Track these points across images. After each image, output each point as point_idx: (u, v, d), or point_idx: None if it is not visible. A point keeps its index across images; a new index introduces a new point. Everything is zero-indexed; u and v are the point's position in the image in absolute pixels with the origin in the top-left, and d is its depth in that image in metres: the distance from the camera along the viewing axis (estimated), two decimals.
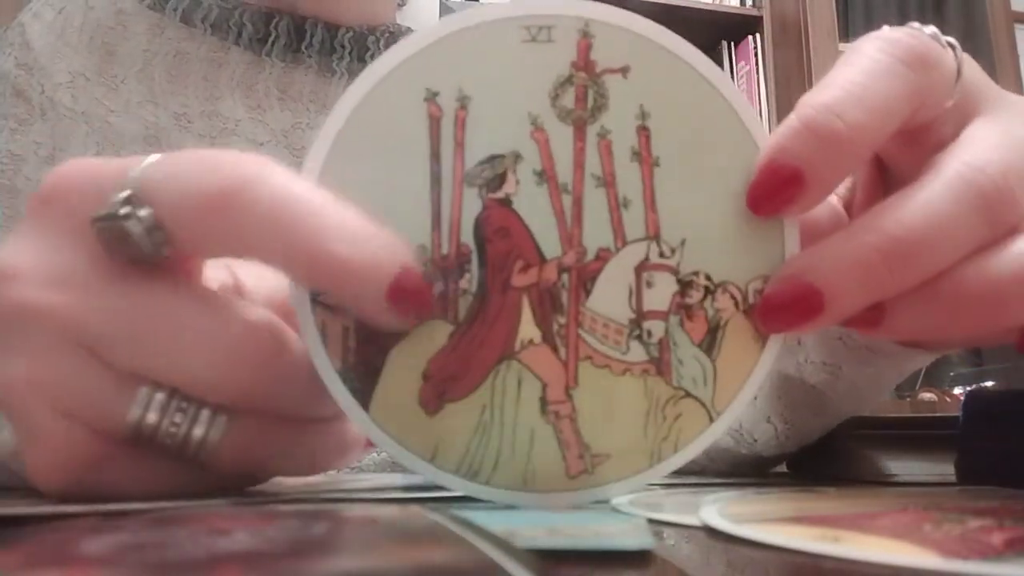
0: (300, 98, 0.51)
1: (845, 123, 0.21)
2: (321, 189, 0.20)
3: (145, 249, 0.21)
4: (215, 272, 0.24)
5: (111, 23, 0.51)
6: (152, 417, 0.21)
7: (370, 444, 0.25)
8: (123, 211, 0.20)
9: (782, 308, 0.22)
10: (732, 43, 2.14)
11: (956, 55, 0.24)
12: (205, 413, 0.21)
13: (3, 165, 0.47)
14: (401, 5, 0.59)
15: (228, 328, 0.21)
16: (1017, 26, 2.22)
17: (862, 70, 0.22)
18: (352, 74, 0.50)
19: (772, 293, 0.22)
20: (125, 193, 0.20)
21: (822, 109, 0.21)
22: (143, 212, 0.20)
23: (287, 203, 0.20)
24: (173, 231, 0.21)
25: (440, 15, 0.64)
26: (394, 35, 0.53)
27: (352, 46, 0.51)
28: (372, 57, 0.39)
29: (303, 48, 0.51)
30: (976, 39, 2.14)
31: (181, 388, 0.21)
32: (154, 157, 0.21)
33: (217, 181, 0.20)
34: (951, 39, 0.24)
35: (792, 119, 0.22)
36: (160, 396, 0.21)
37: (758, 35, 2.11)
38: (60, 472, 0.21)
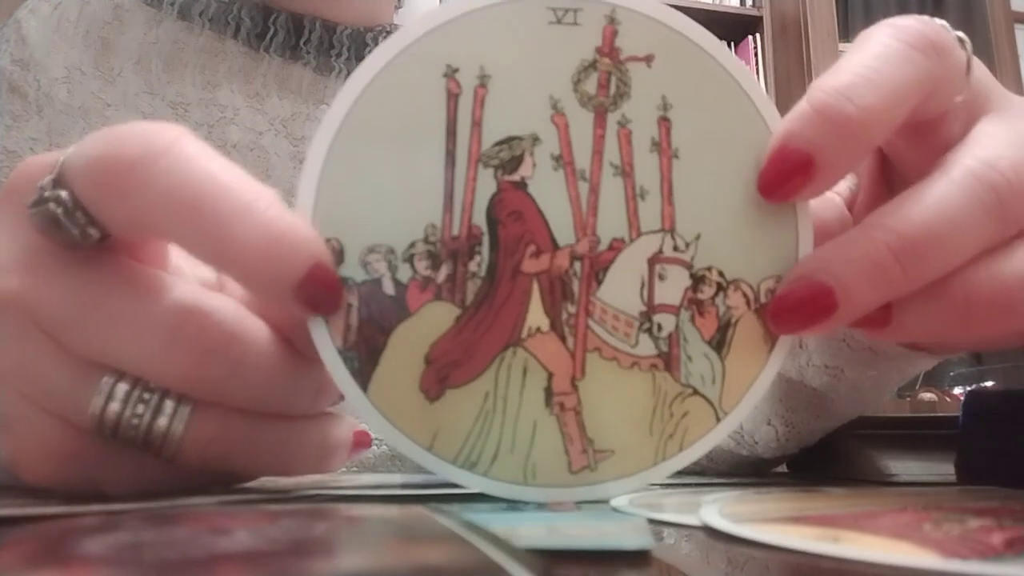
0: (299, 91, 0.51)
1: (857, 107, 0.21)
2: (330, 164, 0.19)
3: (74, 232, 0.20)
4: (200, 269, 0.23)
5: (108, 17, 0.51)
6: (115, 407, 0.20)
7: (356, 448, 0.24)
8: (47, 194, 0.20)
9: (794, 308, 0.21)
10: (732, 43, 2.14)
11: (966, 48, 0.24)
12: (169, 404, 0.20)
13: None
14: (398, 7, 0.59)
15: (164, 315, 0.20)
16: (1017, 26, 2.22)
17: (874, 55, 0.22)
18: (351, 72, 0.50)
19: (784, 293, 0.22)
20: (50, 177, 0.20)
21: (833, 93, 0.21)
22: (63, 193, 0.20)
23: (195, 179, 0.19)
24: (91, 210, 0.20)
25: None
26: (392, 35, 0.53)
27: (350, 43, 0.51)
28: None
29: (301, 44, 0.51)
30: (976, 39, 2.13)
31: (130, 373, 0.20)
32: (86, 138, 0.20)
33: (120, 152, 0.19)
34: (960, 33, 0.24)
35: (803, 104, 0.21)
36: (123, 386, 0.20)
37: (758, 35, 2.12)
38: (41, 464, 0.21)
